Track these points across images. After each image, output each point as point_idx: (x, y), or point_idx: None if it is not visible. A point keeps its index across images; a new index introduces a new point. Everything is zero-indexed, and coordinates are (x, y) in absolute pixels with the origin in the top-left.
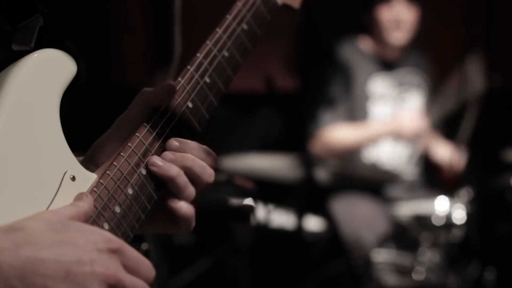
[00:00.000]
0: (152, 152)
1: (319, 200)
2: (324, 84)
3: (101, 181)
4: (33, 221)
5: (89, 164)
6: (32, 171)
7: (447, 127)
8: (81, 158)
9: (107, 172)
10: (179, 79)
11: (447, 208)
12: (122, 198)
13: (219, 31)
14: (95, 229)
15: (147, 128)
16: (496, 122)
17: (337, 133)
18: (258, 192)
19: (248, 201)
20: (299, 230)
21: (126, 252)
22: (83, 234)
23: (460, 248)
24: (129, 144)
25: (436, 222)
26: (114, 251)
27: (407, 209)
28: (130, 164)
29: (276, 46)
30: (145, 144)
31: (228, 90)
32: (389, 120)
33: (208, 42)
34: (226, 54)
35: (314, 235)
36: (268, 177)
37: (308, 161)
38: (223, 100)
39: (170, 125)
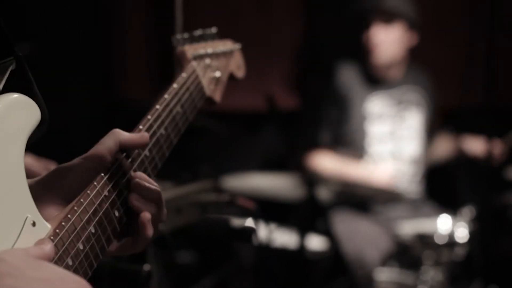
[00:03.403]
0: (101, 212)
1: (321, 219)
2: (318, 112)
3: (57, 231)
4: (9, 255)
5: (45, 189)
6: None
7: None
8: (35, 179)
9: (63, 223)
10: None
11: (449, 227)
12: (75, 252)
13: (159, 108)
14: (68, 272)
15: (99, 186)
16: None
17: (319, 161)
18: (260, 212)
19: (249, 222)
20: (302, 249)
21: None
22: (58, 275)
23: (463, 266)
24: (81, 200)
25: (439, 240)
26: None
27: (409, 227)
28: (82, 220)
29: (277, 65)
30: (95, 204)
31: (229, 109)
32: (367, 166)
33: (149, 117)
34: (163, 132)
35: (317, 254)
36: (270, 197)
37: (310, 180)
38: (225, 119)
39: (115, 191)
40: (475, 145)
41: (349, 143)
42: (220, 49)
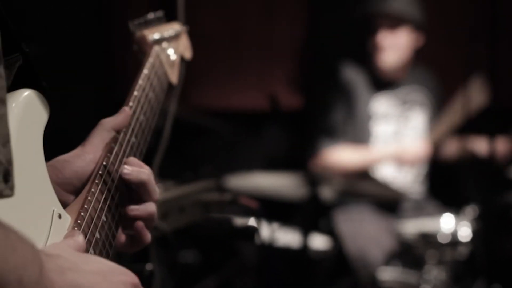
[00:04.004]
0: (108, 200)
1: (324, 218)
2: (326, 107)
3: (79, 221)
4: (61, 250)
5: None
6: (28, 208)
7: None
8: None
9: (82, 214)
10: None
11: (452, 226)
12: (95, 242)
13: (138, 94)
14: (114, 263)
15: (104, 175)
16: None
17: (339, 154)
18: (262, 211)
19: (252, 221)
20: (305, 249)
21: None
22: (107, 267)
23: (466, 265)
24: (92, 189)
25: (442, 239)
26: (134, 285)
27: (412, 226)
28: (96, 210)
29: (280, 65)
30: (103, 193)
31: (232, 109)
32: (392, 145)
33: (131, 103)
34: (143, 117)
35: (320, 254)
36: (273, 196)
37: (313, 179)
38: (228, 119)
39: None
40: (482, 145)
41: (354, 142)
42: (172, 32)
